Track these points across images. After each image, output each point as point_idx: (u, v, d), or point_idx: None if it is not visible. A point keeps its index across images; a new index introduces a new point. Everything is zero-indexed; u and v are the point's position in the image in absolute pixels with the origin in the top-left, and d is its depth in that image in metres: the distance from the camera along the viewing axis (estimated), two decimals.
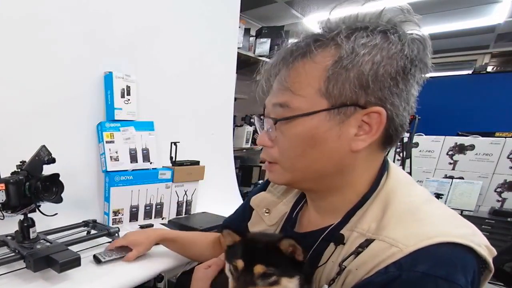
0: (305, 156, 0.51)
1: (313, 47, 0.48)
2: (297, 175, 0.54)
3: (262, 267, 0.48)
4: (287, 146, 0.52)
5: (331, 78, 0.47)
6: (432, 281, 0.41)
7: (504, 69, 4.19)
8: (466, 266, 0.43)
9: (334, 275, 0.49)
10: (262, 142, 0.56)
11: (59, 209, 1.06)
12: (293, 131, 0.51)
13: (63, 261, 0.74)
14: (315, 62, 0.48)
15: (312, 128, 0.49)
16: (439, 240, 0.43)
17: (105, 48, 1.14)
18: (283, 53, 0.52)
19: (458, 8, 3.06)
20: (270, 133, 0.55)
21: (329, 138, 0.49)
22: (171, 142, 1.26)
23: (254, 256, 0.50)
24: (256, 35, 2.56)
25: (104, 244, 0.96)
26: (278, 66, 0.53)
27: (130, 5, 1.18)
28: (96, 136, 1.15)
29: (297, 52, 0.50)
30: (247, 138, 2.56)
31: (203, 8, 1.44)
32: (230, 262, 0.53)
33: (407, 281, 0.42)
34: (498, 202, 2.44)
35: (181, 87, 1.41)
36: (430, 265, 0.42)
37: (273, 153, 0.54)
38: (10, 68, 0.95)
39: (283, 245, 0.49)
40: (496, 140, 2.32)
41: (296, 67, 0.50)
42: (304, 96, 0.49)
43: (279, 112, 0.51)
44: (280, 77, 0.52)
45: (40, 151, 0.82)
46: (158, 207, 1.22)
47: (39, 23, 0.98)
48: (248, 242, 0.53)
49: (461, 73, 4.04)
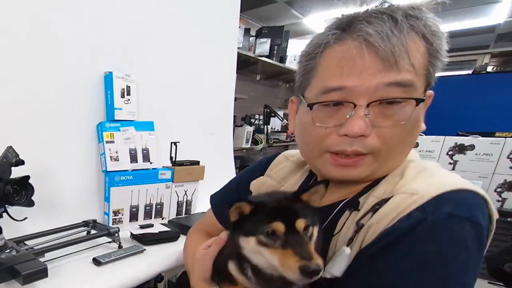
0: (405, 141, 0.49)
1: (416, 24, 0.44)
2: (383, 165, 0.50)
3: (303, 220, 0.45)
4: (395, 134, 0.47)
5: (432, 62, 0.46)
6: (458, 222, 0.41)
7: (504, 69, 4.18)
8: (484, 213, 0.44)
9: (352, 234, 0.49)
10: (363, 131, 0.47)
11: (59, 209, 1.07)
12: (408, 114, 0.46)
13: (26, 272, 0.68)
14: (419, 41, 0.45)
15: (420, 112, 0.48)
16: (458, 187, 0.44)
17: (105, 48, 1.14)
18: (399, 14, 0.44)
19: (458, 8, 3.06)
20: (368, 119, 0.47)
21: (420, 120, 0.49)
22: (171, 142, 1.26)
23: (288, 215, 0.45)
24: (256, 35, 2.56)
25: (104, 244, 0.96)
26: (401, 35, 0.44)
27: (130, 5, 1.18)
28: (96, 136, 1.15)
29: (408, 22, 0.44)
30: (247, 138, 2.56)
31: (203, 8, 1.44)
32: (255, 234, 0.46)
33: (433, 223, 0.41)
34: (498, 202, 2.44)
35: (181, 87, 1.41)
36: (455, 207, 0.42)
37: (371, 142, 0.48)
38: (10, 68, 0.95)
39: (305, 196, 0.48)
40: (496, 140, 2.32)
41: (412, 41, 0.45)
42: (420, 76, 0.46)
43: (394, 92, 0.45)
44: (401, 52, 0.44)
45: (7, 153, 0.77)
46: (158, 207, 1.22)
47: (39, 24, 0.98)
48: (269, 204, 0.48)
49: (461, 73, 4.04)
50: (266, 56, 2.48)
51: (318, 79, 0.51)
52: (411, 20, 0.45)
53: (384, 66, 0.44)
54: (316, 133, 0.52)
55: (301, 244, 0.43)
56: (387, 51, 0.43)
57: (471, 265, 0.41)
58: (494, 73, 3.87)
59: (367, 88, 0.46)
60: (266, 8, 3.11)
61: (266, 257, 0.46)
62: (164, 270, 0.93)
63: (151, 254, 0.95)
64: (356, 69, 0.46)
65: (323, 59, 0.50)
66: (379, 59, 0.44)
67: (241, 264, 0.52)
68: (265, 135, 2.87)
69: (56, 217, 1.04)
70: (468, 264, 0.41)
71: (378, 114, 0.47)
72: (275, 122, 3.20)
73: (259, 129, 2.92)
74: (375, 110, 0.47)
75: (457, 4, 2.92)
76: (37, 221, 0.99)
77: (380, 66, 0.44)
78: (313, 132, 0.53)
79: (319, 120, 0.51)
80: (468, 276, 0.41)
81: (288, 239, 0.44)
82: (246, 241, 0.48)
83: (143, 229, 1.08)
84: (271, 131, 3.06)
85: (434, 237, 0.41)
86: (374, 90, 0.46)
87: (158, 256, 0.94)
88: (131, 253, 0.92)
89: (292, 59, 2.78)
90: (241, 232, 0.49)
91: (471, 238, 0.41)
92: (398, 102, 0.46)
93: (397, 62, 0.44)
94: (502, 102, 3.14)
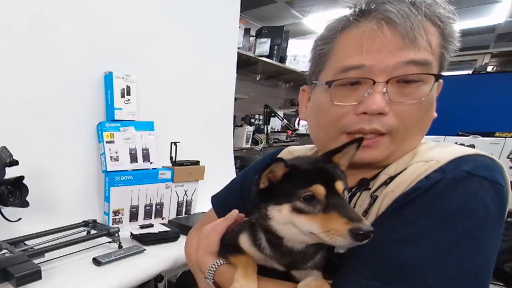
0: (420, 122, 0.49)
1: (432, 7, 0.46)
2: (399, 148, 0.49)
3: (342, 182, 0.42)
4: (413, 113, 0.47)
5: (445, 46, 0.48)
6: (477, 180, 0.41)
7: (504, 69, 4.19)
8: (503, 176, 0.43)
9: (366, 207, 0.48)
10: (382, 108, 0.46)
11: (59, 208, 1.07)
12: (425, 92, 0.47)
13: (20, 274, 0.67)
14: (434, 23, 0.46)
15: (435, 92, 0.48)
16: (474, 152, 0.45)
17: (105, 48, 1.14)
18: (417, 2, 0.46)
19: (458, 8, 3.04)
20: (387, 97, 0.47)
21: (434, 103, 0.50)
22: (171, 142, 1.26)
23: (327, 177, 0.42)
24: (256, 35, 2.56)
25: (104, 244, 0.96)
26: (420, 15, 0.45)
27: (130, 5, 1.18)
28: (96, 136, 1.15)
29: (424, 5, 0.46)
30: (247, 138, 2.56)
31: (203, 8, 1.44)
32: (290, 200, 0.42)
33: (453, 180, 0.41)
34: None
35: (181, 87, 1.41)
36: (473, 167, 0.42)
37: (389, 121, 0.47)
38: (11, 69, 0.95)
39: (336, 157, 0.46)
40: (496, 140, 2.32)
41: (429, 22, 0.46)
42: (436, 56, 0.47)
43: (412, 71, 0.46)
44: (419, 29, 0.45)
45: (1, 153, 0.77)
46: (158, 207, 1.22)
47: (39, 24, 0.98)
48: (305, 167, 0.44)
49: (461, 73, 4.04)
50: (266, 56, 2.48)
51: (334, 61, 0.51)
52: (427, 3, 0.46)
53: (404, 43, 0.45)
54: (333, 113, 0.52)
55: (346, 206, 0.40)
56: (407, 28, 0.44)
57: (491, 223, 0.40)
58: (494, 73, 3.87)
59: (386, 66, 0.46)
60: (266, 8, 3.11)
61: (303, 225, 0.41)
62: (164, 270, 0.93)
63: (151, 254, 0.95)
64: (376, 47, 0.46)
65: (341, 41, 0.50)
66: (399, 35, 0.45)
67: (255, 235, 0.50)
68: (265, 135, 2.87)
69: (56, 217, 1.04)
70: (487, 222, 0.40)
71: (396, 92, 0.47)
72: (275, 122, 3.20)
73: (259, 129, 2.92)
74: (393, 89, 0.47)
75: (457, 4, 2.91)
76: (37, 221, 0.99)
77: (400, 43, 0.45)
78: (330, 113, 0.52)
79: (337, 99, 0.50)
80: (487, 234, 0.40)
81: (330, 202, 0.40)
82: (278, 210, 0.43)
83: (143, 229, 1.08)
84: (271, 131, 3.06)
85: (452, 194, 0.41)
86: (393, 68, 0.46)
87: (158, 256, 0.94)
88: (131, 253, 0.92)
89: (292, 59, 2.77)
90: (271, 200, 0.44)
91: (490, 196, 0.40)
92: (415, 81, 0.47)
93: (416, 39, 0.44)
94: (502, 102, 3.13)
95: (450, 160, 0.43)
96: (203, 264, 0.57)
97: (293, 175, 0.43)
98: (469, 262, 0.38)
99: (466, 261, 0.38)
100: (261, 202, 0.46)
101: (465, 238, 0.39)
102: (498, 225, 0.41)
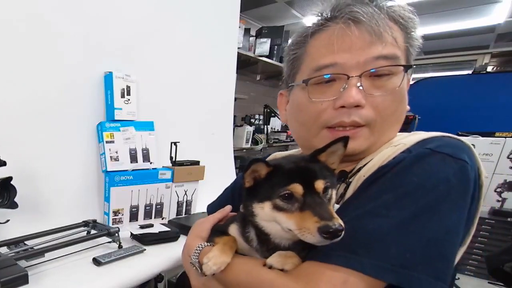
0: (396, 114, 0.52)
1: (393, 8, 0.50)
2: (378, 139, 0.52)
3: (322, 182, 0.43)
4: (388, 103, 0.50)
5: (409, 43, 0.51)
6: (440, 157, 0.43)
7: (504, 69, 4.19)
8: (471, 156, 0.45)
9: (341, 192, 0.51)
10: (358, 100, 0.49)
11: (59, 208, 1.06)
12: (396, 84, 0.50)
13: (4, 279, 0.65)
14: (396, 21, 0.50)
15: (406, 82, 0.51)
16: (442, 134, 0.48)
17: (105, 48, 1.14)
18: (379, 1, 0.50)
19: (458, 8, 3.06)
20: (362, 90, 0.49)
21: (406, 95, 0.53)
22: (171, 142, 1.26)
23: (306, 176, 0.43)
24: (256, 35, 2.56)
25: (104, 244, 0.96)
26: (383, 14, 0.49)
27: (131, 5, 1.18)
28: (96, 136, 1.15)
29: (386, 7, 0.50)
30: (247, 138, 2.56)
31: (203, 8, 1.44)
32: (270, 198, 0.44)
33: (416, 157, 0.44)
34: (498, 202, 2.44)
35: (181, 87, 1.41)
36: (437, 145, 0.44)
37: (366, 113, 0.50)
38: (11, 69, 0.95)
39: (322, 156, 0.47)
40: (496, 140, 2.32)
41: (392, 20, 0.50)
42: (402, 51, 0.50)
43: (382, 64, 0.49)
44: (384, 26, 0.48)
45: None
46: (158, 207, 1.22)
47: (39, 24, 0.98)
48: (286, 166, 0.45)
49: (461, 73, 4.04)
50: (266, 56, 2.48)
51: (309, 62, 0.55)
52: (389, 5, 0.50)
53: (371, 39, 0.48)
54: (312, 110, 0.54)
55: (321, 205, 0.41)
56: (373, 25, 0.48)
57: (453, 197, 0.41)
58: (494, 73, 3.87)
59: (357, 62, 0.49)
60: (266, 8, 3.11)
61: (282, 222, 0.43)
62: (164, 270, 0.93)
63: (151, 254, 0.95)
64: (346, 45, 0.50)
65: (312, 44, 0.54)
66: (366, 32, 0.48)
67: (244, 227, 0.51)
68: (265, 135, 2.87)
69: (56, 217, 1.04)
70: (449, 195, 0.41)
71: (370, 86, 0.50)
72: (275, 122, 3.20)
73: (259, 129, 2.92)
74: (366, 82, 0.50)
75: (457, 4, 2.92)
76: (36, 221, 0.99)
77: (368, 39, 0.48)
78: (309, 110, 0.55)
79: (314, 96, 0.54)
80: (449, 207, 0.41)
81: (307, 201, 0.41)
82: (261, 207, 0.45)
83: (143, 229, 1.08)
84: (271, 131, 3.06)
85: (415, 169, 0.43)
86: (364, 63, 0.49)
87: (158, 256, 0.94)
88: (131, 253, 0.91)
89: None
90: (255, 198, 0.47)
91: (453, 171, 0.42)
92: (386, 74, 0.50)
93: (382, 35, 0.48)
94: (502, 102, 3.13)
95: (417, 142, 0.47)
96: (191, 247, 0.58)
97: (275, 174, 0.45)
98: (430, 233, 0.40)
99: (426, 232, 0.40)
100: (248, 200, 0.49)
101: (426, 210, 0.41)
102: (461, 199, 0.42)
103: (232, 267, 0.49)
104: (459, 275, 1.55)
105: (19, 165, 0.95)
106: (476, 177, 0.44)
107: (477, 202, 0.46)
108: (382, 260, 0.39)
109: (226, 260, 0.49)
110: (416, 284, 0.38)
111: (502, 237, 2.09)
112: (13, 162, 0.83)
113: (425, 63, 4.60)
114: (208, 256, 0.49)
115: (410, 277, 0.38)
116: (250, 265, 0.49)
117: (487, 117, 3.19)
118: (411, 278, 0.38)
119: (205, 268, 0.49)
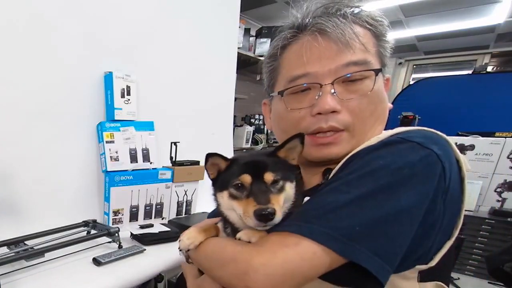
0: (374, 114, 0.53)
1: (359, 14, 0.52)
2: (361, 139, 0.53)
3: (271, 174, 0.47)
4: (364, 106, 0.52)
5: (380, 44, 0.53)
6: (409, 145, 0.45)
7: (504, 69, 4.19)
8: (445, 149, 0.46)
9: (320, 188, 0.52)
10: (334, 106, 0.51)
11: (59, 208, 1.07)
12: (370, 87, 0.51)
13: None
14: (364, 26, 0.52)
15: (381, 85, 0.54)
16: (423, 128, 0.49)
17: (105, 48, 1.14)
18: (343, 11, 0.52)
19: (458, 8, 3.06)
20: (336, 96, 0.52)
21: (384, 95, 0.54)
22: (171, 142, 1.26)
23: (257, 168, 0.48)
24: (256, 35, 2.56)
25: (104, 244, 0.96)
26: (348, 23, 0.51)
27: (131, 5, 1.18)
28: (96, 136, 1.15)
29: (352, 14, 0.52)
30: (247, 138, 2.56)
31: (203, 8, 1.44)
32: (227, 187, 0.49)
33: (386, 142, 0.47)
34: (498, 202, 2.44)
35: (181, 87, 1.41)
36: (409, 135, 0.46)
37: (343, 118, 0.52)
38: (11, 69, 0.95)
39: (281, 152, 0.51)
40: (496, 140, 2.32)
41: (358, 26, 0.52)
42: (373, 54, 0.52)
43: (353, 70, 0.51)
44: (351, 34, 0.50)
45: None
46: (158, 207, 1.22)
47: (39, 24, 0.98)
48: (242, 160, 0.51)
49: (461, 73, 4.04)
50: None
51: (283, 73, 0.58)
52: (354, 12, 0.52)
53: (338, 48, 0.51)
54: (291, 118, 0.57)
55: (264, 192, 0.45)
56: (338, 35, 0.50)
57: (414, 181, 0.42)
58: (494, 73, 3.87)
59: (328, 70, 0.52)
60: (266, 8, 3.11)
61: (236, 209, 0.48)
62: (164, 270, 0.93)
63: (151, 254, 0.95)
64: (315, 56, 0.52)
65: (284, 56, 0.58)
66: (332, 42, 0.51)
67: (224, 223, 0.56)
68: (265, 135, 2.87)
69: (56, 217, 1.04)
70: (411, 180, 0.42)
71: (343, 91, 0.52)
72: None
73: (259, 129, 2.92)
74: (340, 88, 0.52)
75: (457, 4, 2.92)
76: (36, 221, 0.99)
77: (335, 48, 0.51)
78: (289, 118, 0.58)
79: (291, 105, 0.57)
80: (407, 190, 0.42)
81: (253, 189, 0.46)
82: (221, 197, 0.51)
83: (143, 229, 1.08)
84: (271, 131, 3.06)
85: (383, 152, 0.45)
86: (335, 71, 0.51)
87: (158, 256, 0.94)
88: (131, 253, 0.92)
89: None
90: (218, 188, 0.52)
91: (419, 158, 0.43)
92: (359, 79, 0.52)
93: (349, 43, 0.50)
94: (502, 102, 3.13)
95: (392, 135, 0.48)
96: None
97: (232, 166, 0.51)
98: (381, 211, 0.41)
99: (379, 210, 0.41)
100: (214, 190, 0.55)
101: (384, 190, 0.42)
102: (421, 185, 0.43)
103: (204, 243, 0.54)
104: (459, 275, 1.55)
105: (19, 165, 0.95)
106: (445, 168, 0.44)
107: (461, 194, 0.47)
108: (332, 229, 0.41)
109: (199, 237, 0.54)
110: (356, 256, 0.40)
111: (502, 237, 2.09)
112: (13, 161, 0.83)
113: (425, 63, 4.60)
114: (184, 233, 0.55)
115: (353, 248, 0.40)
116: (220, 240, 0.53)
117: (487, 117, 3.19)
118: (353, 250, 0.40)
119: (180, 244, 0.54)
